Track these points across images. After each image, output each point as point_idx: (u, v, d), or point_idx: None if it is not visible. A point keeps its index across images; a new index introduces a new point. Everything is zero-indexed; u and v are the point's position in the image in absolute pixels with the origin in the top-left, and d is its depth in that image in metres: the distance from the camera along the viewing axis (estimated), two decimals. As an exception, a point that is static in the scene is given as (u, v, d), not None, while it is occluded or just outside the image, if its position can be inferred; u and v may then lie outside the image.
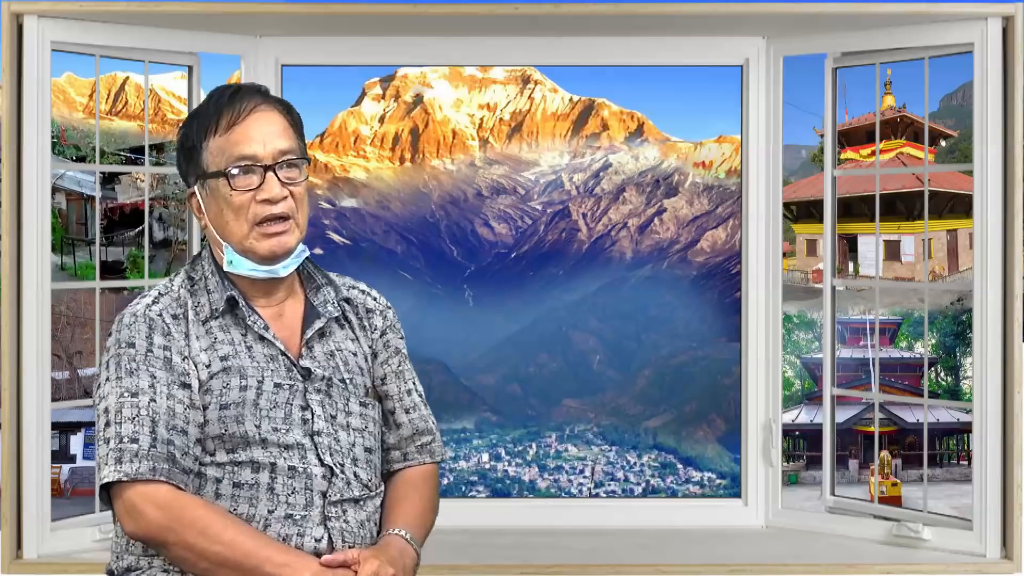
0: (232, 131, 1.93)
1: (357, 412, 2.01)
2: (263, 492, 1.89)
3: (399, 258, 4.65)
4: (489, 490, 4.29)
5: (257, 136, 1.93)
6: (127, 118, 3.70)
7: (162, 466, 1.82)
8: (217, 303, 1.96)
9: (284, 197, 1.94)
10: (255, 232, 1.94)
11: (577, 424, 4.47)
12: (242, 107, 1.94)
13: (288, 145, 1.95)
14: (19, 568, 3.21)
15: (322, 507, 1.92)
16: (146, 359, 1.88)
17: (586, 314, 4.62)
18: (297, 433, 1.92)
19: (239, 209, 1.93)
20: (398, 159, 4.79)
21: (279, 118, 1.97)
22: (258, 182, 1.93)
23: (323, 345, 2.01)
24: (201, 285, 1.99)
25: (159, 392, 1.86)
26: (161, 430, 1.84)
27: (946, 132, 3.55)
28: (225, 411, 1.90)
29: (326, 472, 1.93)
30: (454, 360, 4.45)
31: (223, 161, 1.93)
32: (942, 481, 3.57)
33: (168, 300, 1.96)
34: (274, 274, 1.97)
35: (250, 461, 1.89)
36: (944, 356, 3.65)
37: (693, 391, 4.44)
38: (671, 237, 4.65)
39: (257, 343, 1.96)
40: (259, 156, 1.93)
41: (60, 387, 3.35)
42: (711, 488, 4.24)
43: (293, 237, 1.96)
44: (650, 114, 4.69)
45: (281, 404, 1.93)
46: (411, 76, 4.81)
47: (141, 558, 1.91)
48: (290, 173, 1.95)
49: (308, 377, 1.97)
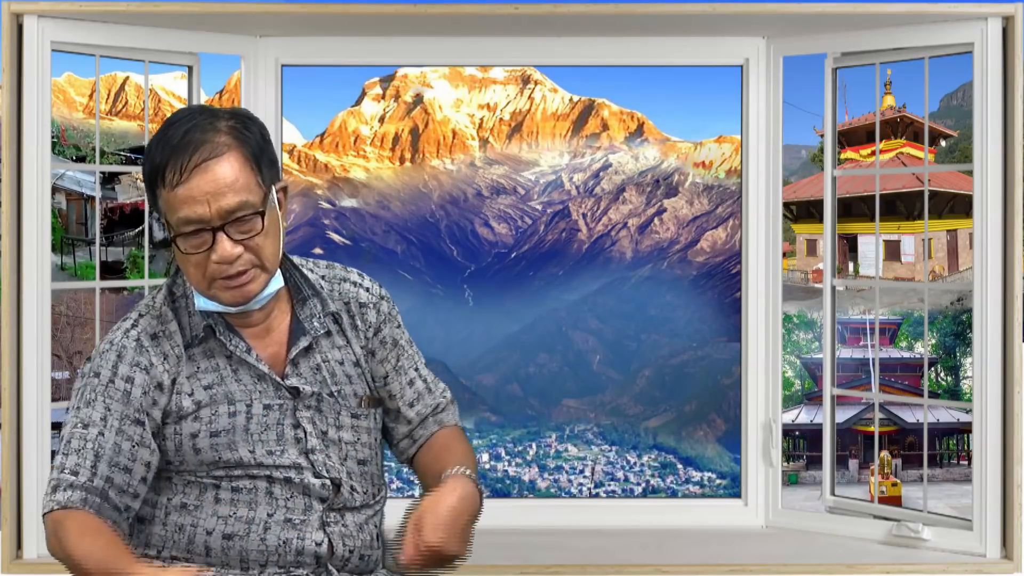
0: (177, 190, 1.78)
1: (348, 425, 1.96)
2: (262, 496, 1.89)
3: (399, 258, 4.65)
4: (489, 490, 4.29)
5: (200, 197, 1.78)
6: (127, 118, 3.70)
7: (93, 499, 1.80)
8: (196, 329, 1.91)
9: (239, 255, 1.82)
10: (217, 284, 1.85)
11: (577, 424, 4.48)
12: (183, 163, 1.78)
13: (238, 200, 1.80)
14: (19, 568, 3.21)
15: (321, 513, 1.91)
16: (106, 390, 1.85)
17: (586, 314, 4.62)
18: (292, 453, 1.90)
19: (196, 266, 1.84)
20: (398, 159, 4.79)
21: (228, 167, 1.80)
22: (209, 242, 1.81)
23: (308, 360, 1.95)
24: (182, 304, 1.93)
25: (109, 426, 1.83)
26: (102, 466, 1.82)
27: (946, 132, 3.55)
28: (216, 439, 1.87)
29: (325, 482, 1.92)
30: (454, 360, 4.45)
31: (173, 220, 1.81)
32: (942, 481, 3.57)
33: (149, 319, 1.91)
34: (248, 309, 1.90)
35: (248, 476, 1.89)
36: (944, 356, 3.65)
37: (693, 391, 4.44)
38: (671, 237, 4.65)
39: (242, 366, 1.91)
40: (205, 217, 1.79)
41: (60, 387, 3.35)
42: (711, 488, 4.25)
43: (257, 283, 1.86)
44: (650, 114, 4.69)
45: (272, 426, 1.90)
46: (411, 76, 4.81)
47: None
48: (243, 226, 1.81)
49: (297, 395, 1.93)
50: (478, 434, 4.34)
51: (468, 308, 4.60)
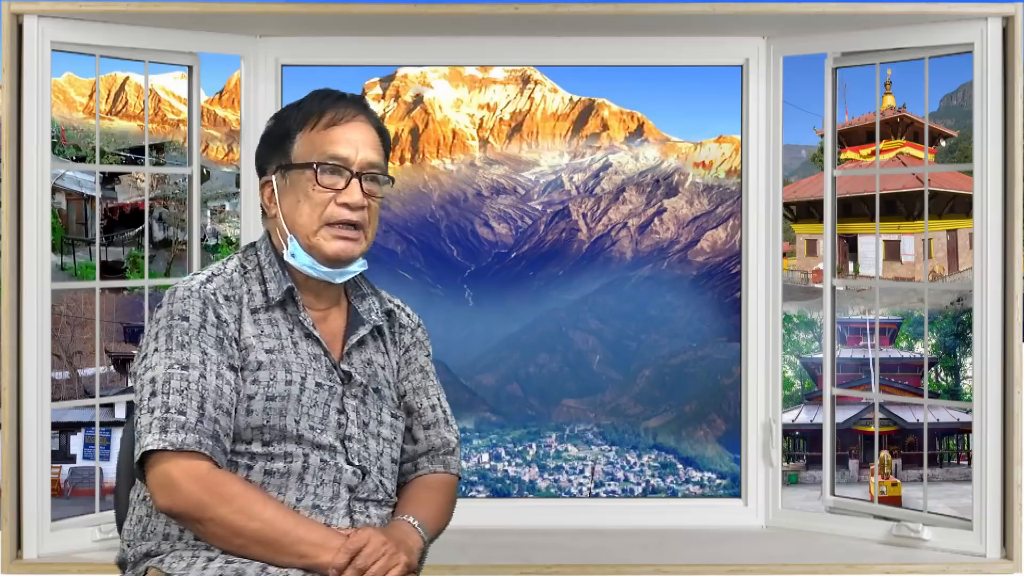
0: (331, 130, 1.96)
1: (388, 423, 2.02)
2: (293, 481, 1.90)
3: (399, 258, 4.65)
4: (489, 490, 4.29)
5: (353, 141, 1.96)
6: (127, 118, 3.70)
7: (207, 441, 1.82)
8: (275, 292, 1.96)
9: (363, 206, 1.96)
10: (325, 231, 1.95)
11: (577, 424, 4.48)
12: (346, 111, 1.98)
13: (377, 159, 1.99)
14: (19, 568, 3.21)
15: (348, 500, 1.93)
16: (199, 334, 1.88)
17: (586, 314, 4.62)
18: (330, 435, 1.93)
19: (317, 205, 1.95)
20: (398, 159, 4.79)
21: (374, 134, 2.01)
22: (343, 184, 1.95)
23: (361, 354, 2.03)
24: (255, 274, 1.99)
25: (209, 369, 1.86)
26: (209, 407, 1.83)
27: (946, 132, 3.55)
28: (271, 403, 1.90)
29: (356, 471, 1.94)
30: (454, 360, 4.45)
31: (314, 156, 1.95)
32: (942, 481, 3.57)
33: (221, 281, 1.96)
34: (330, 278, 1.99)
35: (284, 454, 1.90)
36: (944, 356, 3.65)
37: (693, 391, 4.44)
38: (671, 237, 4.65)
39: (303, 340, 1.97)
40: (350, 160, 1.96)
41: (60, 387, 3.35)
42: (711, 488, 4.25)
43: (360, 247, 1.98)
44: (650, 114, 4.69)
45: (320, 404, 1.94)
46: (411, 76, 4.82)
47: (162, 543, 1.90)
48: (372, 186, 1.98)
49: (348, 381, 1.98)
50: (478, 434, 4.34)
51: (468, 308, 4.61)
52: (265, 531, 1.80)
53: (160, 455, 1.80)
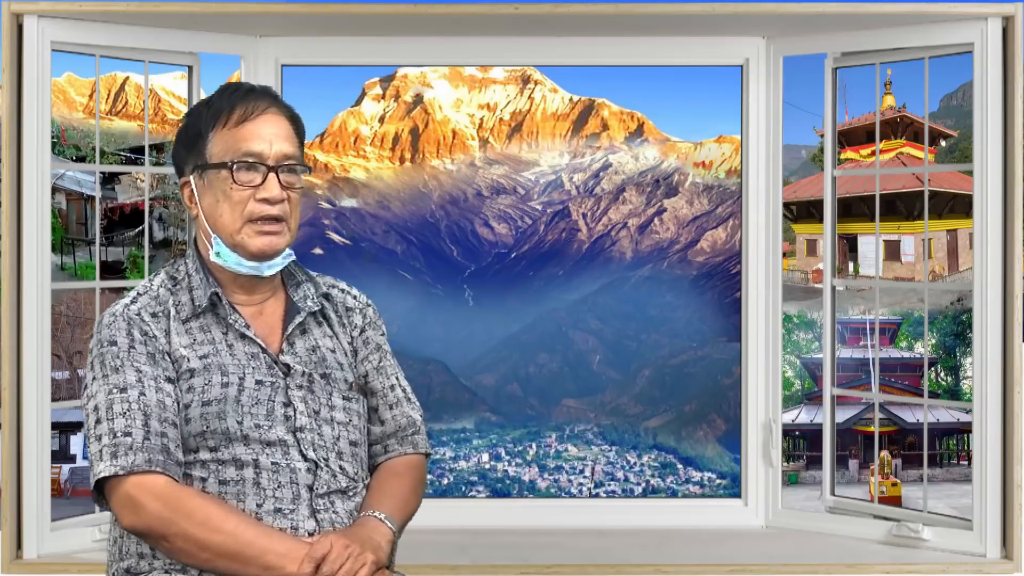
0: (242, 127, 1.96)
1: (340, 406, 2.02)
2: (249, 487, 1.90)
3: (399, 258, 4.65)
4: (489, 490, 4.29)
5: (265, 136, 1.96)
6: (127, 118, 3.70)
7: (157, 457, 1.83)
8: (200, 300, 1.98)
9: (282, 200, 1.96)
10: (248, 228, 1.96)
11: (577, 424, 4.47)
12: (255, 105, 1.97)
13: (292, 151, 1.99)
14: (19, 568, 3.21)
15: (309, 500, 1.93)
16: (129, 355, 1.90)
17: (586, 314, 4.62)
18: (280, 430, 1.94)
19: (236, 204, 1.95)
20: (398, 159, 4.79)
21: (286, 124, 2.00)
22: (260, 180, 1.95)
23: (304, 341, 2.03)
24: (184, 284, 2.01)
25: (147, 385, 1.88)
26: (154, 423, 1.85)
27: (946, 132, 3.55)
28: (207, 407, 1.91)
29: (310, 466, 1.94)
30: (454, 360, 4.45)
31: (228, 154, 1.95)
32: (942, 481, 3.57)
33: (147, 299, 1.98)
34: (258, 272, 2.00)
35: (233, 459, 1.90)
36: (944, 356, 3.65)
37: (693, 391, 4.44)
38: (671, 237, 4.65)
39: (238, 341, 1.98)
40: (264, 155, 1.96)
41: (60, 387, 3.35)
42: (711, 488, 4.24)
43: (283, 239, 1.99)
44: (650, 114, 4.69)
45: (263, 401, 1.94)
46: (411, 76, 4.81)
47: (140, 561, 1.91)
48: (290, 178, 1.98)
49: (289, 373, 1.98)
50: (478, 434, 4.34)
51: (468, 308, 4.60)
52: (229, 543, 1.81)
53: (116, 479, 1.83)
